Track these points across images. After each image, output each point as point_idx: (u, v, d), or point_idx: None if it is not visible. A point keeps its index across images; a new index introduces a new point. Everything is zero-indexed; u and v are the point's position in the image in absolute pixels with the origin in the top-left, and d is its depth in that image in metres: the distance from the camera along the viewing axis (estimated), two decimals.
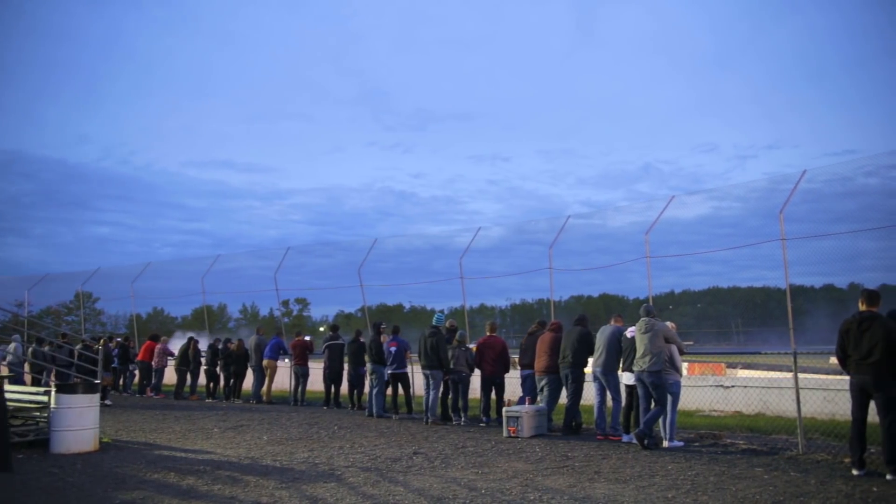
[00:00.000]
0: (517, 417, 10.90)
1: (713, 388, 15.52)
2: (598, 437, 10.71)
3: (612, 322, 11.21)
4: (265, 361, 17.88)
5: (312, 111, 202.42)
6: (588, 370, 11.51)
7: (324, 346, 16.61)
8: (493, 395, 12.93)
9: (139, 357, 20.71)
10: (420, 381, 13.60)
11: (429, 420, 12.82)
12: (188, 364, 19.79)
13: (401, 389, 14.34)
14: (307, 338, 18.08)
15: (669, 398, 9.84)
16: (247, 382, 18.77)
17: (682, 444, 9.84)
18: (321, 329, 17.64)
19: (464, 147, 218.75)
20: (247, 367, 18.51)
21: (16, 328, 20.14)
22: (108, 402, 16.43)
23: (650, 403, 9.91)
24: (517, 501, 6.56)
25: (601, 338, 11.01)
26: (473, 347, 13.33)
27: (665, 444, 9.80)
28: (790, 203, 10.26)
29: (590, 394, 11.50)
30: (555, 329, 12.07)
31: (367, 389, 14.94)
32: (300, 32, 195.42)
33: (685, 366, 17.59)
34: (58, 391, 9.96)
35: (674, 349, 10.00)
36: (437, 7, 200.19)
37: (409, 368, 14.51)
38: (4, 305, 20.66)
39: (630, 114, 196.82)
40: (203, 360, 19.73)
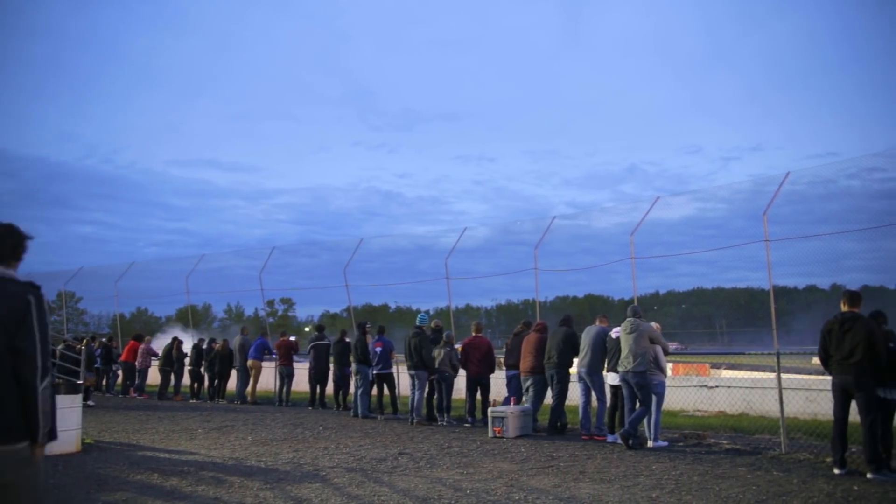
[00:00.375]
0: (502, 418, 10.91)
1: (697, 389, 15.60)
2: (583, 438, 10.74)
3: (597, 322, 11.25)
4: (250, 362, 17.80)
5: (298, 110, 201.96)
6: (573, 370, 11.54)
7: (309, 347, 16.58)
8: (479, 396, 12.93)
9: (122, 357, 20.58)
10: (406, 382, 13.58)
11: (414, 420, 12.81)
12: (172, 364, 19.68)
13: (386, 390, 14.32)
14: (292, 338, 18.01)
15: (654, 398, 9.88)
16: (231, 383, 18.69)
17: (667, 444, 9.89)
18: (306, 329, 17.56)
19: (450, 147, 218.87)
20: (231, 368, 18.43)
21: None
22: (91, 403, 16.31)
23: (635, 404, 9.94)
24: (502, 501, 6.56)
25: (586, 338, 11.04)
26: (459, 348, 13.33)
27: (649, 444, 9.84)
28: (774, 204, 10.34)
29: (575, 394, 11.53)
30: (540, 329, 12.09)
31: (353, 390, 14.90)
32: (286, 31, 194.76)
33: (670, 366, 17.65)
34: None
35: (658, 350, 10.04)
36: (424, 7, 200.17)
37: (395, 369, 14.49)
38: None
39: (615, 115, 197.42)
40: (187, 361, 19.63)
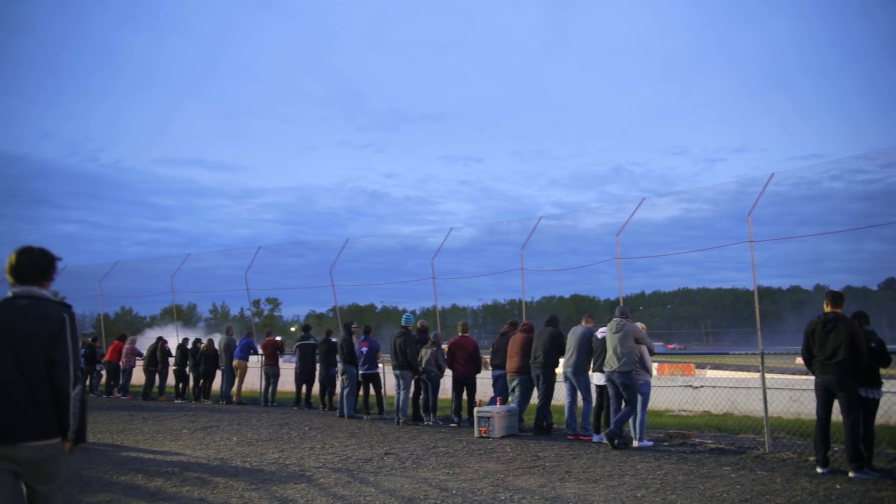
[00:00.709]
0: (488, 418, 10.92)
1: (682, 389, 15.69)
2: (569, 437, 10.76)
3: (583, 323, 11.28)
4: (235, 362, 17.73)
5: (284, 110, 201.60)
6: (559, 370, 11.56)
7: (295, 347, 16.55)
8: (465, 396, 12.94)
9: (106, 357, 20.43)
10: (392, 382, 13.57)
11: (400, 420, 12.80)
12: (157, 364, 19.55)
13: (372, 390, 14.29)
14: (278, 338, 17.95)
15: (639, 398, 9.92)
16: (216, 383, 18.60)
17: (652, 444, 9.93)
18: (292, 329, 17.51)
19: (436, 147, 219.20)
20: (217, 368, 18.34)
21: None
22: None
23: (620, 403, 9.97)
24: (488, 501, 6.57)
25: (572, 338, 11.07)
26: (445, 348, 13.33)
27: (635, 444, 9.87)
28: (758, 206, 10.40)
29: (561, 394, 11.56)
30: (526, 330, 12.11)
31: (339, 390, 14.87)
32: (273, 31, 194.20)
33: (655, 366, 17.75)
34: None
35: (644, 350, 10.08)
36: (411, 7, 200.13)
37: (381, 369, 14.47)
38: None
39: (601, 116, 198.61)
40: (172, 360, 19.51)
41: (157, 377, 19.61)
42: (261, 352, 17.60)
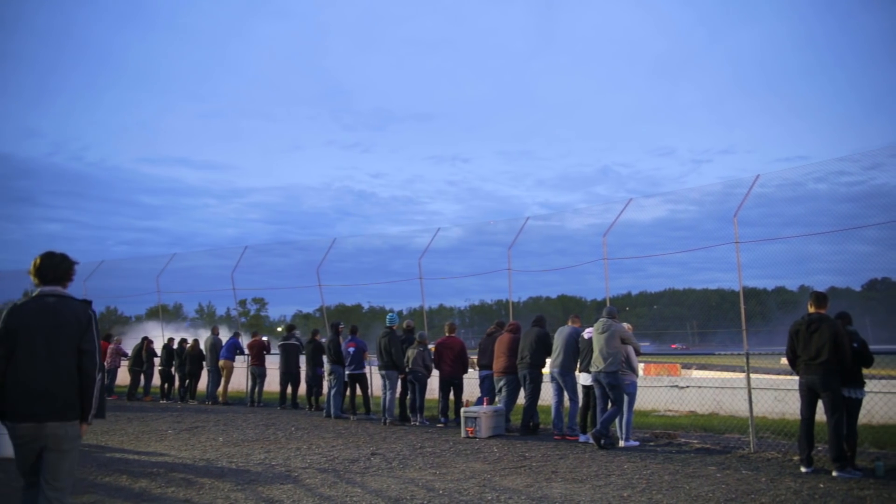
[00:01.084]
0: (475, 418, 10.93)
1: (668, 389, 15.78)
2: (556, 437, 10.79)
3: (570, 323, 11.31)
4: (221, 362, 17.66)
5: (271, 109, 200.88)
6: (546, 371, 11.59)
7: (278, 346, 16.55)
8: (452, 396, 12.94)
9: None
10: (379, 382, 13.56)
11: (387, 421, 12.78)
12: (142, 364, 19.43)
13: (359, 390, 14.27)
14: (264, 338, 17.89)
15: (626, 398, 9.96)
16: (202, 383, 18.51)
17: (638, 444, 9.97)
18: (279, 329, 17.44)
19: (423, 147, 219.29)
20: (202, 368, 18.25)
21: None
22: None
23: (607, 403, 10.00)
24: (475, 501, 6.57)
25: (559, 339, 11.09)
26: (432, 348, 13.32)
27: (621, 444, 9.91)
28: (744, 207, 10.47)
29: (547, 394, 11.58)
30: (513, 330, 12.13)
31: (326, 390, 14.84)
32: (261, 30, 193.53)
33: (641, 366, 17.82)
34: None
35: (630, 350, 10.12)
36: (398, 7, 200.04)
37: (368, 369, 14.45)
38: None
39: (588, 117, 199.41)
40: (157, 361, 19.40)
41: (143, 377, 19.50)
42: (247, 352, 17.54)
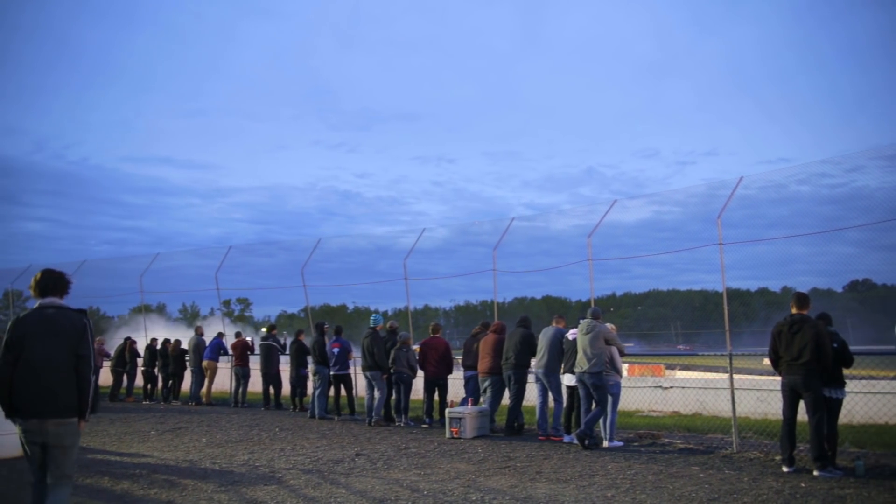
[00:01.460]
0: (460, 418, 10.93)
1: (652, 389, 15.85)
2: (540, 438, 10.81)
3: (554, 323, 11.33)
4: (205, 362, 17.57)
5: (255, 108, 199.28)
6: (531, 371, 11.61)
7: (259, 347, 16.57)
8: (437, 397, 12.94)
9: None
10: (363, 383, 13.54)
11: (372, 421, 12.75)
12: (124, 365, 19.29)
13: (343, 391, 14.23)
14: (248, 338, 17.81)
15: (610, 399, 9.99)
16: (186, 384, 18.40)
17: (622, 444, 10.00)
18: (263, 329, 17.39)
19: (409, 148, 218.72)
20: (185, 368, 18.14)
21: None
22: None
23: (591, 404, 10.04)
24: (459, 502, 6.57)
25: (543, 339, 11.11)
26: (417, 348, 13.31)
27: (605, 445, 9.94)
28: (727, 209, 10.54)
29: (532, 395, 11.60)
30: (497, 330, 12.14)
31: (310, 390, 14.80)
32: (245, 29, 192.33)
33: (625, 367, 17.91)
34: None
35: (614, 351, 10.16)
36: (383, 7, 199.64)
37: (352, 370, 14.42)
38: None
39: (573, 118, 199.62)
40: (140, 361, 19.27)
41: (125, 378, 19.35)
42: (231, 352, 17.46)
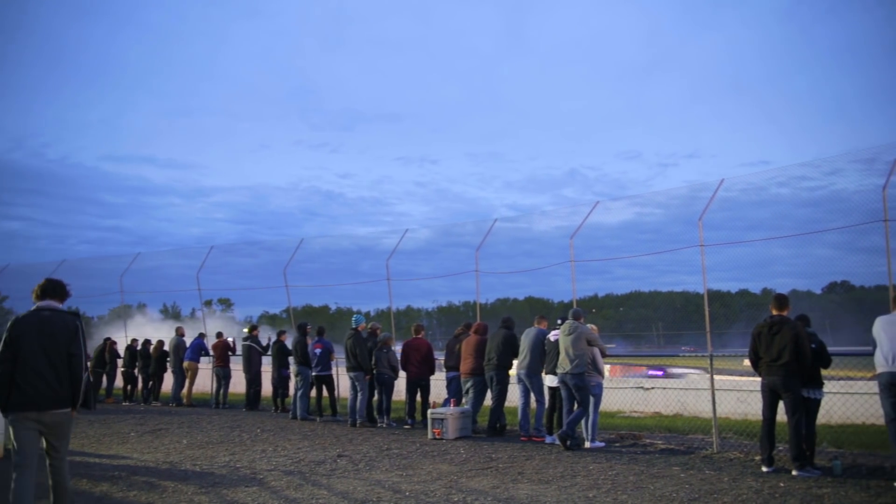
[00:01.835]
0: (442, 419, 10.93)
1: (634, 390, 15.93)
2: (522, 439, 10.83)
3: (536, 324, 11.35)
4: (185, 363, 17.44)
5: (238, 107, 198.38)
6: (512, 372, 11.62)
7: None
8: (419, 398, 12.92)
9: None
10: (345, 384, 13.50)
11: (357, 422, 12.71)
12: (104, 366, 19.09)
13: (325, 392, 14.18)
14: (230, 338, 17.69)
15: (592, 400, 10.02)
16: (167, 385, 18.25)
17: (604, 445, 10.04)
18: (244, 331, 17.29)
19: (392, 148, 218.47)
20: (166, 369, 18.01)
21: None
22: None
23: (573, 405, 10.07)
24: (441, 503, 6.57)
25: (525, 340, 11.13)
26: (398, 349, 13.29)
27: (587, 445, 9.98)
28: (708, 211, 10.62)
29: (514, 396, 11.62)
30: (480, 331, 12.14)
31: (292, 391, 14.74)
32: (228, 27, 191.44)
33: (607, 368, 17.97)
34: None
35: (596, 352, 10.19)
36: (367, 7, 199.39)
37: (335, 370, 14.38)
38: None
39: (556, 120, 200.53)
40: (120, 362, 19.09)
41: (105, 379, 19.17)
42: (212, 353, 17.35)
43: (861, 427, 11.12)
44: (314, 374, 13.94)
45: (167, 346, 18.11)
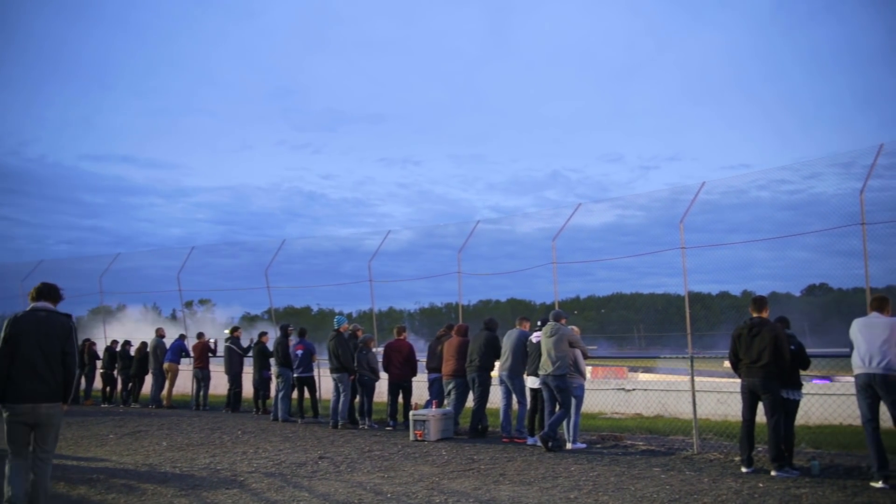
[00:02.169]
0: (424, 421, 10.92)
1: (615, 392, 15.99)
2: (504, 440, 10.84)
3: (518, 326, 11.37)
4: (166, 364, 17.31)
5: (220, 107, 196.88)
6: (494, 374, 11.63)
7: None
8: (401, 399, 12.90)
9: None
10: (328, 386, 13.45)
11: (338, 424, 12.66)
12: (83, 367, 18.88)
13: (307, 393, 14.13)
14: (211, 340, 17.56)
15: (573, 401, 10.05)
16: (146, 386, 18.09)
17: (585, 446, 10.07)
18: (225, 332, 17.20)
19: (374, 149, 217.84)
20: (146, 370, 17.85)
21: None
22: None
23: (555, 406, 10.10)
24: None
25: (507, 342, 11.15)
26: (381, 350, 13.26)
27: (568, 447, 10.00)
28: (690, 213, 10.70)
29: (496, 397, 11.63)
30: (462, 333, 12.15)
31: (273, 393, 14.66)
32: (209, 26, 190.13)
33: (589, 369, 18.04)
34: None
35: (578, 353, 10.22)
36: (350, 7, 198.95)
37: (316, 372, 14.32)
38: None
39: (539, 122, 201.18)
40: (99, 363, 18.90)
41: (83, 380, 18.96)
42: (192, 354, 17.22)
43: (838, 428, 11.25)
44: (296, 376, 13.88)
45: (149, 348, 17.95)
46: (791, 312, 9.50)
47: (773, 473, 7.73)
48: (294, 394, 14.21)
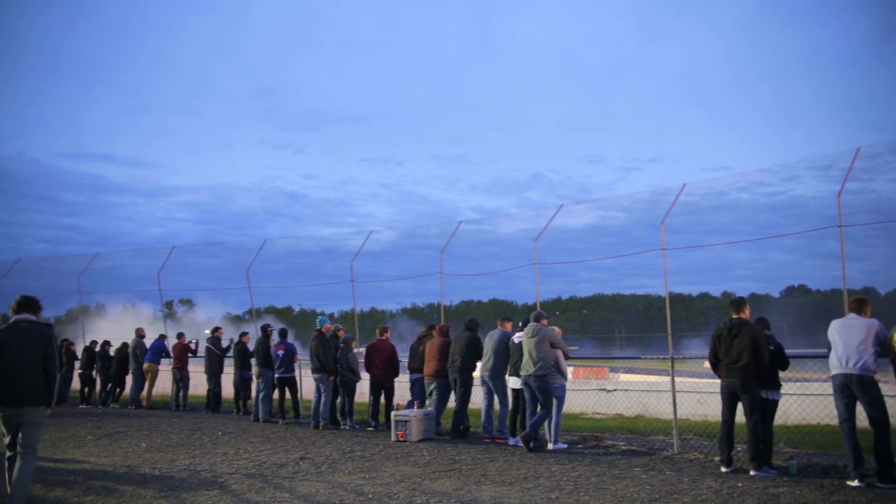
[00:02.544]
0: (406, 421, 10.91)
1: (596, 392, 16.06)
2: (486, 441, 10.85)
3: (500, 326, 11.38)
4: (145, 365, 17.16)
5: (201, 106, 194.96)
6: (476, 374, 11.64)
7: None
8: (383, 400, 12.87)
9: None
10: (309, 386, 13.40)
11: (319, 424, 12.62)
12: (60, 367, 18.67)
13: (288, 394, 14.07)
14: (192, 341, 17.44)
15: (555, 402, 10.08)
16: (127, 387, 17.93)
17: (566, 447, 10.11)
18: (206, 332, 17.11)
19: (356, 149, 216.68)
20: (126, 371, 17.69)
21: None
22: None
23: (536, 407, 10.12)
24: None
25: (489, 342, 11.15)
26: (363, 351, 13.23)
27: (550, 447, 10.03)
28: (671, 215, 10.79)
29: (478, 398, 11.65)
30: (444, 333, 12.15)
31: (254, 393, 14.59)
32: (190, 24, 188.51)
33: (570, 370, 18.12)
34: None
35: (559, 354, 10.25)
36: (332, 7, 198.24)
37: (298, 372, 14.27)
38: None
39: (521, 123, 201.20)
40: (77, 364, 18.71)
41: (61, 381, 18.75)
42: (171, 354, 17.09)
43: (816, 427, 11.36)
44: (277, 376, 13.82)
45: (129, 349, 17.79)
46: (770, 313, 9.62)
47: (752, 473, 7.79)
48: (275, 394, 14.14)
